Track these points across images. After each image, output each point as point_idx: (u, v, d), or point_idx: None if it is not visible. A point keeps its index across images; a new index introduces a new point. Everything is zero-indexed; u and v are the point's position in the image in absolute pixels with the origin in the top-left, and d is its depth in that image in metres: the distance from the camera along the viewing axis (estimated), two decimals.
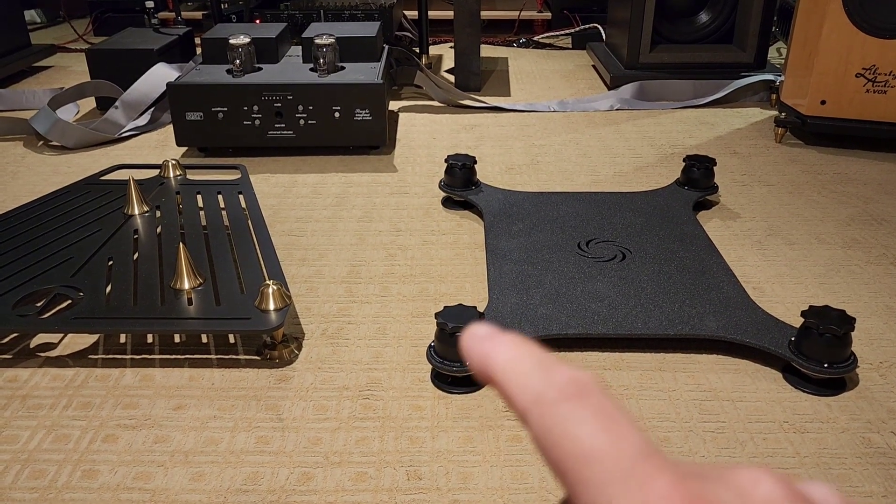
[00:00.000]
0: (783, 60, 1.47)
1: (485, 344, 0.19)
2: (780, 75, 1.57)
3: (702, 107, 1.66)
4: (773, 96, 1.63)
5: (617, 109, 1.65)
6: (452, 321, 0.74)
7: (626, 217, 1.06)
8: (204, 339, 0.84)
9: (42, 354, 0.81)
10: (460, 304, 0.77)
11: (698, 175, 1.15)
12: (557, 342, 0.82)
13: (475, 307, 0.76)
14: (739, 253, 1.02)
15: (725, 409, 0.72)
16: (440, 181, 1.18)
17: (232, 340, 0.84)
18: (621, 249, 0.97)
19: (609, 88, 1.75)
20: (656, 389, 0.75)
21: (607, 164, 1.34)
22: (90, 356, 0.81)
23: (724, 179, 1.25)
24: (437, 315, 0.75)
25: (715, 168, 1.15)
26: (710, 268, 0.92)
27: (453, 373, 0.74)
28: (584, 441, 0.16)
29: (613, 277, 0.90)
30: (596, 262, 0.94)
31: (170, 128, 1.52)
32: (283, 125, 1.33)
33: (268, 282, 0.79)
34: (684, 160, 1.16)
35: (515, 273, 0.92)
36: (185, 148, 1.40)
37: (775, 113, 1.48)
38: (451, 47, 2.24)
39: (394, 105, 1.68)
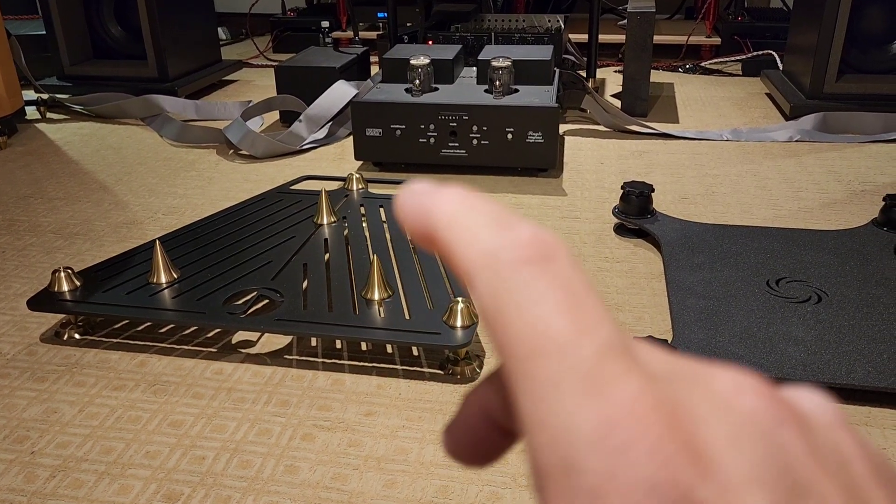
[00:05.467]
0: None
1: (426, 198, 0.15)
2: None
3: (893, 142, 1.54)
4: None
5: (797, 141, 1.56)
6: None
7: (819, 256, 1.00)
8: (389, 349, 0.87)
9: (243, 351, 0.87)
10: (650, 336, 0.75)
11: None
12: None
13: (666, 340, 0.75)
14: None
15: None
16: (614, 207, 1.17)
17: (415, 353, 0.86)
18: (816, 291, 0.91)
19: (787, 118, 1.67)
20: None
21: (790, 199, 1.28)
22: (285, 356, 0.86)
23: None
24: None
25: None
26: None
27: None
28: (542, 322, 0.13)
29: (810, 320, 0.85)
30: (788, 303, 0.89)
31: (345, 142, 1.60)
32: (456, 144, 1.36)
33: (457, 298, 0.81)
34: (884, 199, 1.08)
35: (700, 308, 0.89)
36: (360, 162, 1.47)
37: None
38: (615, 71, 2.22)
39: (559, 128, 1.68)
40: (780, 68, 1.95)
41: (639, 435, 0.12)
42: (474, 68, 1.52)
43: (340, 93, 1.60)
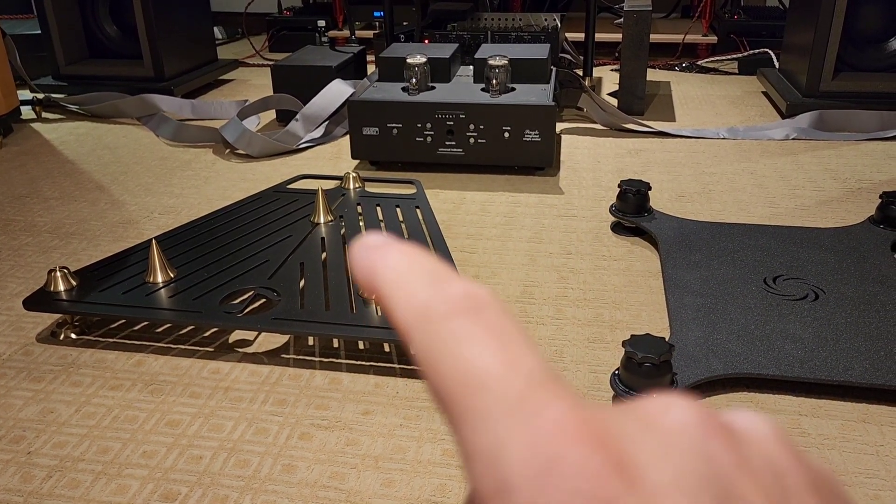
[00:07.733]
0: None
1: (374, 253, 0.16)
2: None
3: (890, 139, 1.54)
4: None
5: (793, 139, 1.57)
6: (642, 351, 0.72)
7: (816, 254, 1.00)
8: (386, 347, 0.87)
9: (240, 350, 0.87)
10: (649, 334, 0.75)
11: None
12: (745, 381, 0.78)
13: (664, 338, 0.75)
14: None
15: None
16: (611, 206, 1.17)
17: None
18: (813, 289, 0.91)
19: (784, 117, 1.67)
20: (861, 442, 0.70)
21: (786, 197, 1.28)
22: (283, 355, 0.86)
23: None
24: (625, 343, 0.74)
25: None
26: None
27: None
28: (471, 362, 0.14)
29: (807, 318, 0.85)
30: (786, 300, 0.89)
31: (342, 141, 1.60)
32: (453, 143, 1.36)
33: None
34: (881, 196, 1.09)
35: (697, 306, 0.89)
36: (357, 161, 1.46)
37: None
38: (612, 70, 2.22)
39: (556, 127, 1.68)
40: (777, 66, 1.95)
41: (564, 451, 0.12)
42: (471, 67, 1.52)
43: (337, 92, 1.59)
